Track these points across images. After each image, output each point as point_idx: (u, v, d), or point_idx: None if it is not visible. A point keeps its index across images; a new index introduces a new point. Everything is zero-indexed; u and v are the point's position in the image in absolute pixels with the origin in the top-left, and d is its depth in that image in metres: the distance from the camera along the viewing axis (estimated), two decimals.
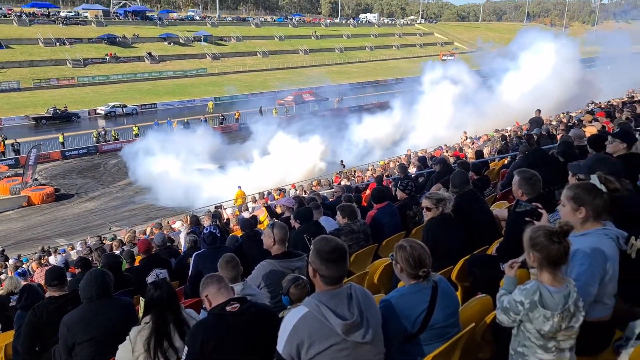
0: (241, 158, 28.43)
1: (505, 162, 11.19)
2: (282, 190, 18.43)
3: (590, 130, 9.52)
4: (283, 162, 26.20)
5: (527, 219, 3.33)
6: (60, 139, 33.53)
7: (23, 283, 6.43)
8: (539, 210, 3.42)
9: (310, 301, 2.52)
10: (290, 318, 2.51)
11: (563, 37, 37.33)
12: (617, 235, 2.83)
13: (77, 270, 6.55)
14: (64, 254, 14.82)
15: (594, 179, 2.99)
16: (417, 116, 31.48)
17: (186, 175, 26.32)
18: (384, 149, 29.91)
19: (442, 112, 29.49)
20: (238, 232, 9.28)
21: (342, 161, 26.52)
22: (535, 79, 28.87)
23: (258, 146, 29.46)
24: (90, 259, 7.63)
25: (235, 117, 42.01)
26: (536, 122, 16.32)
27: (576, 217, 2.85)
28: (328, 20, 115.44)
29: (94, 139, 34.63)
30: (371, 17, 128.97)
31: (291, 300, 3.30)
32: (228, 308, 2.89)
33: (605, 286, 2.74)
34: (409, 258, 2.78)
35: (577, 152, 6.14)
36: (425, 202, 4.50)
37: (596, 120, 12.45)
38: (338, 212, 5.82)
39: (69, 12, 77.99)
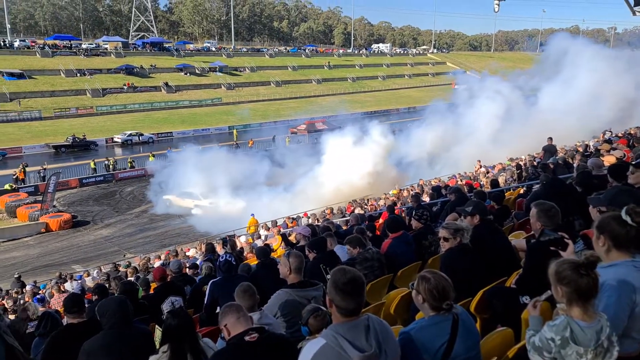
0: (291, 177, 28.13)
1: (521, 191, 11.11)
2: (294, 219, 18.43)
3: (609, 159, 9.43)
4: (343, 167, 25.23)
5: (552, 248, 3.28)
6: (92, 165, 34.70)
7: (41, 309, 6.46)
8: (565, 239, 3.36)
9: (328, 333, 2.50)
10: (308, 350, 2.49)
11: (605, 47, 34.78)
12: None
13: (93, 297, 6.56)
14: (79, 281, 14.89)
15: (623, 211, 2.96)
16: (460, 130, 28.99)
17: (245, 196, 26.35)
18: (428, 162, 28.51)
19: (486, 126, 27.33)
20: (252, 261, 9.27)
21: None
22: (584, 93, 25.91)
23: (304, 163, 29.16)
24: (106, 285, 7.66)
25: (249, 145, 42.44)
26: (549, 150, 16.14)
27: (598, 245, 2.82)
28: (341, 51, 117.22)
29: (111, 167, 35.18)
30: (383, 47, 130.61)
31: (310, 331, 3.27)
32: (247, 338, 2.87)
33: (634, 320, 2.67)
34: (433, 290, 2.75)
35: (596, 182, 6.06)
36: (442, 232, 4.46)
37: (614, 149, 12.32)
38: (348, 246, 5.80)
39: (90, 44, 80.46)
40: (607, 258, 2.80)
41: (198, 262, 10.57)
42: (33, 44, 72.17)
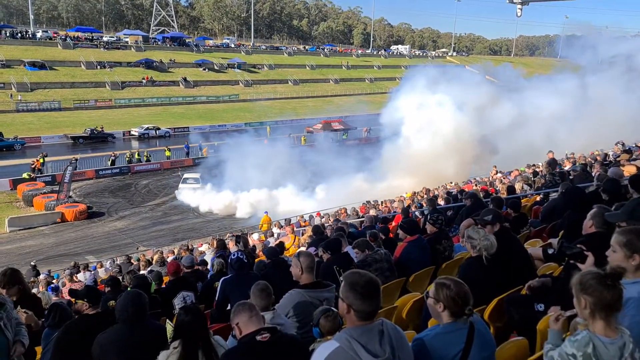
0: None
1: (538, 199, 10.96)
2: (306, 219, 18.40)
3: (629, 169, 9.25)
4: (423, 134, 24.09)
5: (571, 261, 3.23)
6: (137, 155, 36.07)
7: (54, 299, 6.51)
8: (585, 252, 3.31)
9: (341, 336, 2.48)
10: (321, 353, 2.47)
11: None
12: None
13: (106, 289, 6.60)
14: (93, 272, 15.05)
15: None
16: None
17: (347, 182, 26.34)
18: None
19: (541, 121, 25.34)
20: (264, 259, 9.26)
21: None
22: None
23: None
24: (120, 278, 7.71)
25: (264, 143, 42.42)
26: (552, 164, 16.08)
27: (630, 264, 2.72)
28: (360, 51, 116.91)
29: (127, 159, 35.49)
30: (402, 48, 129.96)
31: (322, 332, 3.25)
32: (258, 337, 2.86)
33: None
34: (455, 296, 2.71)
35: (624, 192, 5.90)
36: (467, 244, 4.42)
37: (635, 159, 12.09)
38: (356, 249, 5.77)
39: (111, 37, 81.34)
40: (634, 275, 2.71)
41: (206, 258, 10.59)
42: (55, 35, 73.08)
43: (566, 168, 14.63)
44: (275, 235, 15.22)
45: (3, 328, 3.50)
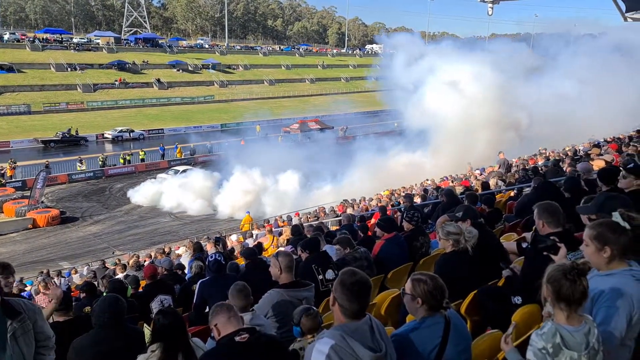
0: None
1: (512, 194, 11.17)
2: (284, 220, 18.37)
3: (598, 163, 9.50)
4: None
5: (545, 253, 3.30)
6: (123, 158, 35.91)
7: None
8: (557, 244, 3.38)
9: (335, 333, 2.48)
10: (318, 352, 2.43)
11: None
12: None
13: (81, 295, 6.49)
14: (67, 278, 14.75)
15: (616, 217, 2.92)
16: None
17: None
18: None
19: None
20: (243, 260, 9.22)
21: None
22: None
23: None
24: (95, 283, 7.58)
25: (241, 143, 42.18)
26: (504, 164, 16.51)
27: (601, 256, 2.75)
28: (335, 50, 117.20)
29: (100, 163, 34.85)
30: (377, 47, 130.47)
31: (302, 331, 3.25)
32: (237, 338, 2.84)
33: (631, 328, 2.63)
34: (433, 291, 2.74)
35: (586, 189, 6.06)
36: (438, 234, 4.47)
37: (601, 155, 12.43)
38: (338, 246, 5.81)
39: (81, 38, 79.71)
40: (607, 267, 2.76)
41: (183, 261, 10.49)
42: (23, 37, 71.35)
43: (539, 163, 14.97)
44: (254, 236, 15.15)
45: (17, 337, 3.34)
